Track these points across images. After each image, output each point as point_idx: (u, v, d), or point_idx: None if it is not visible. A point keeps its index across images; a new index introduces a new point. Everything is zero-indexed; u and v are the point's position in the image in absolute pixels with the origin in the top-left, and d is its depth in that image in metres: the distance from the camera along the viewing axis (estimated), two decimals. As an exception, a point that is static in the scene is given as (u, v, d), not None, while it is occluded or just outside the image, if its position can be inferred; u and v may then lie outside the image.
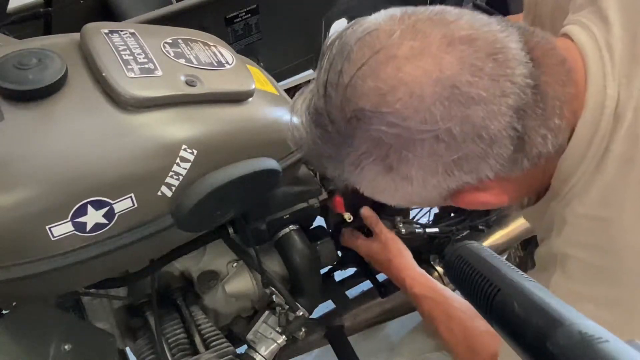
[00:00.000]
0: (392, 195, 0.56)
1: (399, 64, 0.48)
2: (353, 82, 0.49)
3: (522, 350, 0.35)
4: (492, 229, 1.31)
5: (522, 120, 0.49)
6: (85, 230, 0.65)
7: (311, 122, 0.54)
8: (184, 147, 0.67)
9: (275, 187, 0.85)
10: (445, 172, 0.51)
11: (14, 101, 0.64)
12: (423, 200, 0.57)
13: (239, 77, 0.76)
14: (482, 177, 0.52)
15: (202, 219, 0.75)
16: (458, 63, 0.47)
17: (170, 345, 0.89)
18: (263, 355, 0.96)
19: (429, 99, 0.47)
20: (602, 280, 0.55)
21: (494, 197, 0.55)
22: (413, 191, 0.54)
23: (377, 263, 1.03)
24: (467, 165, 0.51)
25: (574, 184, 0.55)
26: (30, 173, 0.61)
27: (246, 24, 1.44)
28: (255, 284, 0.98)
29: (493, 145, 0.49)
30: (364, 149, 0.51)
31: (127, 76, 0.67)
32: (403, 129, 0.48)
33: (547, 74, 0.50)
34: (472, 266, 0.41)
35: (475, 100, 0.47)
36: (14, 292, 0.71)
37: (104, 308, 0.95)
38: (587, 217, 0.55)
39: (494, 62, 0.48)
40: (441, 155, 0.49)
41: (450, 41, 0.48)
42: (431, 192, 0.54)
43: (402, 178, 0.52)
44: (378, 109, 0.48)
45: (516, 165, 0.52)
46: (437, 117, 0.47)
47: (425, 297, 0.91)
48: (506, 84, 0.48)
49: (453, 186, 0.53)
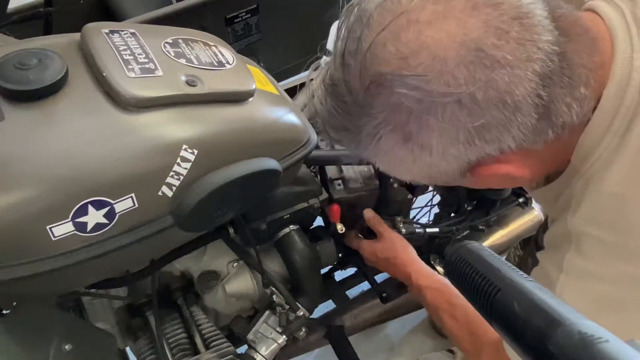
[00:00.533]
0: (409, 167, 0.54)
1: (421, 28, 0.46)
2: (372, 48, 0.47)
3: (522, 350, 0.35)
4: (492, 229, 1.31)
5: (548, 87, 0.48)
6: (86, 230, 0.65)
7: (327, 94, 0.52)
8: (184, 147, 0.67)
9: (275, 187, 0.85)
10: (466, 140, 0.49)
11: (14, 101, 0.64)
12: (441, 174, 0.54)
13: (239, 77, 0.77)
14: (504, 147, 0.50)
15: (202, 219, 0.75)
16: (483, 26, 0.46)
17: (171, 345, 0.89)
18: (263, 355, 0.96)
19: (452, 62, 0.46)
20: (619, 259, 0.54)
21: (515, 170, 0.53)
22: (432, 162, 0.52)
23: (381, 262, 1.03)
24: (489, 134, 0.49)
25: (595, 159, 0.54)
26: (30, 173, 0.61)
27: (246, 24, 1.44)
28: (255, 284, 0.98)
29: (517, 112, 0.48)
30: (383, 117, 0.49)
31: (128, 76, 0.67)
32: (425, 93, 0.46)
33: (573, 42, 0.49)
34: (472, 266, 0.41)
35: (500, 63, 0.46)
36: (15, 292, 0.71)
37: (105, 308, 0.95)
38: (606, 194, 0.53)
39: (520, 26, 0.46)
40: (463, 121, 0.48)
41: (474, 4, 0.46)
42: (450, 164, 0.52)
43: (421, 147, 0.50)
44: (399, 72, 0.47)
45: (540, 136, 0.51)
46: (461, 80, 0.46)
47: (430, 287, 0.92)
48: (532, 49, 0.46)
49: (473, 158, 0.52)
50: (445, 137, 0.49)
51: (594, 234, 0.55)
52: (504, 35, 0.46)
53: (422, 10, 0.47)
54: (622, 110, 0.51)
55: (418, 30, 0.46)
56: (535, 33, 0.47)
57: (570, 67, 0.49)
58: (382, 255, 1.02)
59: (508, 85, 0.46)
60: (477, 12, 0.46)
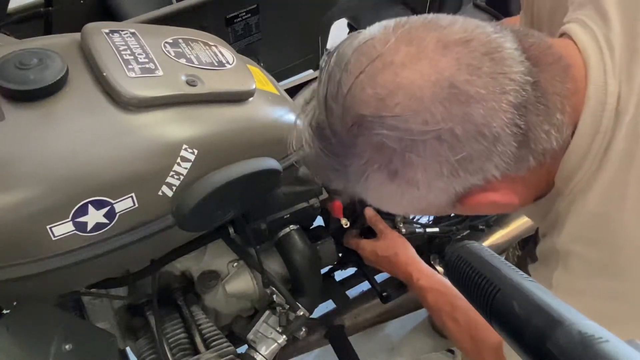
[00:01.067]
0: (399, 202, 0.55)
1: (396, 69, 0.48)
2: (352, 91, 0.49)
3: (522, 350, 0.35)
4: (492, 229, 1.31)
5: (524, 116, 0.49)
6: (86, 230, 0.65)
7: (314, 136, 0.54)
8: (184, 146, 0.67)
9: (275, 186, 0.85)
10: (450, 173, 0.51)
11: (14, 101, 0.64)
12: (431, 206, 0.56)
13: (239, 77, 0.77)
14: (488, 177, 0.52)
15: (202, 219, 0.75)
16: (455, 64, 0.47)
17: (171, 345, 0.89)
18: (263, 355, 0.96)
19: (428, 100, 0.47)
20: (603, 275, 0.55)
21: (502, 197, 0.55)
22: (420, 196, 0.53)
23: (382, 261, 1.03)
24: (472, 165, 0.50)
25: (577, 182, 0.55)
26: (31, 173, 0.61)
27: (246, 24, 1.44)
28: (255, 283, 0.98)
29: (497, 143, 0.49)
30: (368, 157, 0.51)
31: (128, 76, 0.67)
32: (404, 132, 0.48)
33: (544, 71, 0.51)
34: (472, 266, 0.41)
35: (474, 98, 0.47)
36: (15, 292, 0.71)
37: (105, 308, 0.95)
38: (589, 214, 0.55)
39: (491, 61, 0.48)
40: (445, 155, 0.49)
41: (445, 44, 0.48)
42: (438, 197, 0.54)
43: (408, 183, 0.52)
44: (378, 114, 0.48)
45: (522, 163, 0.52)
46: (438, 117, 0.47)
47: (431, 288, 0.92)
48: (505, 81, 0.48)
49: (460, 188, 0.53)
50: (430, 172, 0.51)
51: (580, 252, 0.56)
52: (475, 71, 0.47)
53: (397, 52, 0.49)
54: (599, 135, 0.53)
55: (393, 72, 0.48)
56: (506, 66, 0.48)
57: (545, 95, 0.50)
58: (383, 254, 1.02)
59: (484, 118, 0.48)
60: (448, 51, 0.48)
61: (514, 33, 0.52)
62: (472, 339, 0.81)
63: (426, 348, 1.66)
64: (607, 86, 0.53)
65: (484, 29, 0.50)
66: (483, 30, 0.50)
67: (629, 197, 0.53)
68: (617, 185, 0.53)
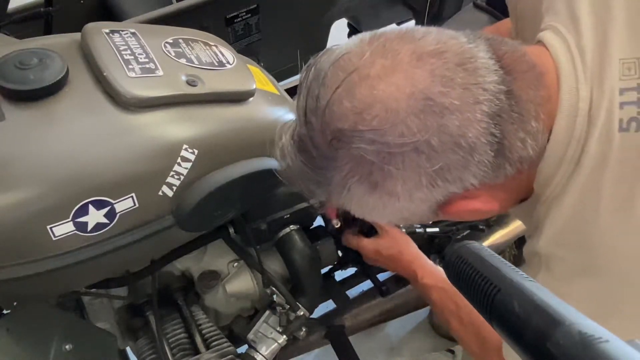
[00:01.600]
0: (382, 213, 0.56)
1: (373, 83, 0.49)
2: (330, 105, 0.50)
3: (522, 350, 0.35)
4: (492, 229, 1.31)
5: (499, 125, 0.50)
6: (87, 230, 0.65)
7: (296, 149, 0.55)
8: (185, 146, 0.67)
9: (276, 187, 0.85)
10: (429, 183, 0.51)
11: (15, 101, 0.64)
12: (413, 216, 0.57)
13: (239, 77, 0.77)
14: (467, 185, 0.53)
15: (203, 219, 0.75)
16: (429, 76, 0.48)
17: (171, 345, 0.90)
18: (264, 355, 0.96)
19: (404, 113, 0.48)
20: (583, 276, 0.56)
21: (482, 204, 0.56)
22: (401, 207, 0.54)
23: (384, 258, 1.02)
24: (450, 175, 0.51)
25: (554, 187, 0.56)
26: (31, 173, 0.61)
27: (246, 24, 1.44)
28: (255, 283, 0.98)
29: (473, 152, 0.50)
30: (348, 169, 0.52)
31: (128, 76, 0.67)
32: (382, 145, 0.49)
33: (518, 80, 0.51)
34: (472, 266, 0.41)
35: (449, 109, 0.48)
36: (15, 292, 0.71)
37: (105, 308, 0.95)
38: (565, 217, 0.56)
39: (464, 72, 0.49)
40: (423, 167, 0.50)
41: (419, 56, 0.49)
42: (419, 206, 0.55)
43: (389, 194, 0.52)
44: (356, 127, 0.49)
45: (500, 171, 0.53)
46: (414, 129, 0.48)
47: (436, 287, 0.92)
48: (478, 92, 0.49)
49: (440, 197, 0.54)
50: (409, 183, 0.51)
51: (559, 255, 0.58)
52: (449, 82, 0.48)
53: (372, 65, 0.49)
54: (573, 140, 0.54)
55: (370, 85, 0.49)
56: (480, 76, 0.49)
57: (519, 104, 0.51)
58: (387, 252, 1.01)
59: (460, 129, 0.49)
60: (422, 63, 0.49)
61: (488, 42, 0.53)
62: (477, 338, 0.81)
63: (426, 348, 1.66)
64: (579, 92, 0.53)
65: (457, 39, 0.51)
66: (457, 40, 0.51)
67: (603, 199, 0.53)
68: (591, 188, 0.54)
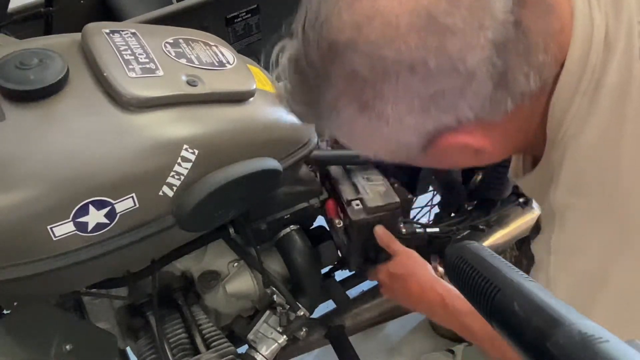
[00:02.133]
0: (369, 141, 0.54)
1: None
2: (329, 18, 0.49)
3: (522, 350, 0.35)
4: (492, 228, 1.31)
5: (504, 55, 0.47)
6: (87, 230, 0.65)
7: (292, 70, 0.53)
8: (185, 147, 0.67)
9: (276, 187, 0.85)
10: (421, 108, 0.49)
11: (15, 101, 0.64)
12: (400, 148, 0.54)
13: (240, 77, 0.77)
14: (461, 117, 0.50)
15: (203, 219, 0.75)
16: None
17: (171, 345, 0.90)
18: (264, 355, 0.96)
19: (404, 29, 0.46)
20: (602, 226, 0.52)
21: (475, 140, 0.52)
22: (390, 133, 0.52)
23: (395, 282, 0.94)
24: (444, 102, 0.49)
25: (568, 125, 0.52)
26: (31, 173, 0.61)
27: (246, 24, 1.44)
28: (256, 283, 0.98)
29: (471, 80, 0.47)
30: (340, 88, 0.50)
31: (129, 76, 0.67)
32: (378, 60, 0.47)
33: (529, 10, 0.49)
34: (472, 266, 0.41)
35: (451, 30, 0.46)
36: (16, 292, 0.71)
37: (105, 308, 0.95)
38: (583, 158, 0.52)
39: None
40: (416, 89, 0.48)
41: None
42: (409, 136, 0.52)
43: (378, 117, 0.50)
44: (353, 40, 0.47)
45: (498, 106, 0.50)
46: (412, 46, 0.46)
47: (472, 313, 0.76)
48: (485, 17, 0.46)
49: (430, 127, 0.51)
50: (401, 106, 0.49)
51: (576, 205, 0.53)
52: (455, 2, 0.46)
53: None
54: (588, 70, 0.51)
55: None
56: (488, 1, 0.46)
57: (527, 35, 0.48)
58: (396, 271, 0.92)
59: (460, 52, 0.46)
60: None
61: None
62: None
63: (426, 348, 1.66)
64: (593, 20, 0.51)
65: None
66: None
67: (626, 138, 0.50)
68: (612, 125, 0.50)
